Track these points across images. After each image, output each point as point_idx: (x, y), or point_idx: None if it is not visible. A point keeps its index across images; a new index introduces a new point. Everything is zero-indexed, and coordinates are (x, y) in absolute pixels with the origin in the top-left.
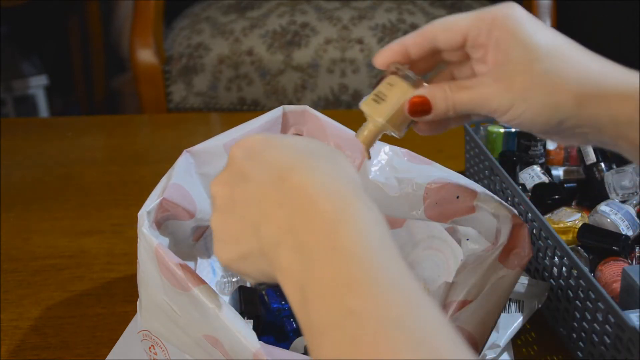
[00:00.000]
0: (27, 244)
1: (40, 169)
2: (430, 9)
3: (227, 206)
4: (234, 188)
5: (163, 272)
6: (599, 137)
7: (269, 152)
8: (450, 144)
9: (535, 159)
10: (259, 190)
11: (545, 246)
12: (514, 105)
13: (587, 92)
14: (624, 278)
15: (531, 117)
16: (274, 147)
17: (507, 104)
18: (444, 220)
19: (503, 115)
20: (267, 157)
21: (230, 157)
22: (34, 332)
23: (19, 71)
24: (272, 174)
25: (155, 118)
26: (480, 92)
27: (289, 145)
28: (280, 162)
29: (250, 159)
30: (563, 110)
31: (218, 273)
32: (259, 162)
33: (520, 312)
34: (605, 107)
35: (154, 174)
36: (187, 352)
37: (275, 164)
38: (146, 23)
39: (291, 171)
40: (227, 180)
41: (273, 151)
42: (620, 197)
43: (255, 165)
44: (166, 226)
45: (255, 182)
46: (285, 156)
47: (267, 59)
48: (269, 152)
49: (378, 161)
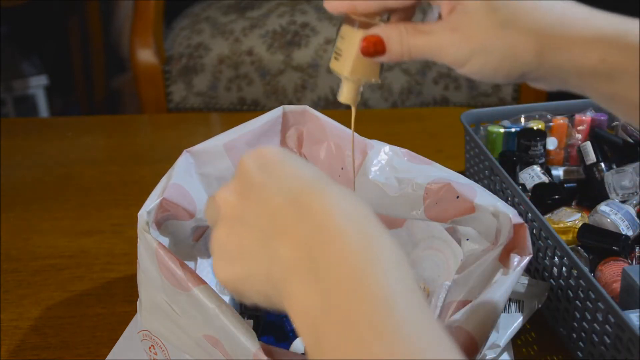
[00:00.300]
0: (27, 244)
1: (40, 169)
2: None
3: (235, 216)
4: (244, 198)
5: (163, 272)
6: (565, 87)
7: (284, 166)
8: (450, 144)
9: (535, 159)
10: (274, 203)
11: (545, 246)
12: (472, 58)
13: (548, 42)
14: (624, 278)
15: (491, 70)
16: (288, 162)
17: (465, 56)
18: (444, 220)
19: (461, 68)
20: (283, 170)
21: (242, 166)
22: (34, 332)
23: (19, 71)
24: (290, 189)
25: (155, 118)
26: (436, 40)
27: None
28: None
29: (264, 171)
30: (524, 61)
31: None
32: (274, 174)
33: (520, 312)
34: (568, 58)
35: (154, 174)
36: (187, 352)
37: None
38: (146, 23)
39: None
40: (237, 189)
41: (288, 166)
42: (620, 197)
43: (270, 177)
44: (166, 226)
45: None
46: (303, 173)
47: (267, 59)
48: (285, 166)
49: (378, 161)
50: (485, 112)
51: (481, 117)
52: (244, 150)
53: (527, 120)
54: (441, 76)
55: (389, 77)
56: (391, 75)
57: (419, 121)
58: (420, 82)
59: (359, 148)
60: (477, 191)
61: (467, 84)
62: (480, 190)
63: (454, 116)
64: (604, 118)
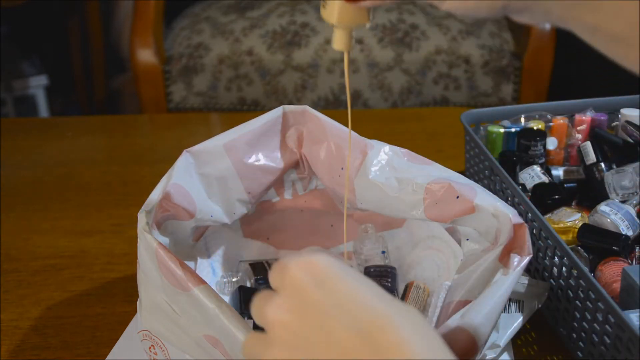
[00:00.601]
0: (27, 244)
1: (40, 169)
2: (430, 9)
3: (296, 344)
4: (302, 318)
5: (163, 272)
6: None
7: (342, 283)
8: (450, 144)
9: (535, 159)
10: (344, 338)
11: (545, 246)
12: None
13: None
14: (624, 278)
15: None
16: (345, 278)
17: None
18: (444, 220)
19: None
20: (342, 289)
21: (292, 280)
22: (34, 332)
23: (19, 71)
24: (357, 320)
25: (155, 118)
26: None
27: (360, 278)
28: (363, 307)
29: (320, 287)
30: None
31: (218, 273)
32: (333, 294)
33: (520, 312)
34: None
35: (154, 174)
36: (187, 352)
37: (357, 307)
38: (146, 23)
39: (383, 325)
40: (290, 307)
41: (346, 284)
42: (620, 197)
43: (329, 297)
44: (166, 226)
45: (336, 325)
46: (365, 297)
47: (267, 59)
48: (343, 284)
49: (378, 161)
50: (485, 112)
51: (481, 117)
52: (244, 150)
53: (527, 120)
54: (441, 76)
55: (389, 77)
56: (391, 75)
57: (419, 121)
58: (420, 82)
59: (358, 148)
60: (477, 191)
61: (467, 84)
62: (480, 191)
63: (454, 116)
64: (604, 118)
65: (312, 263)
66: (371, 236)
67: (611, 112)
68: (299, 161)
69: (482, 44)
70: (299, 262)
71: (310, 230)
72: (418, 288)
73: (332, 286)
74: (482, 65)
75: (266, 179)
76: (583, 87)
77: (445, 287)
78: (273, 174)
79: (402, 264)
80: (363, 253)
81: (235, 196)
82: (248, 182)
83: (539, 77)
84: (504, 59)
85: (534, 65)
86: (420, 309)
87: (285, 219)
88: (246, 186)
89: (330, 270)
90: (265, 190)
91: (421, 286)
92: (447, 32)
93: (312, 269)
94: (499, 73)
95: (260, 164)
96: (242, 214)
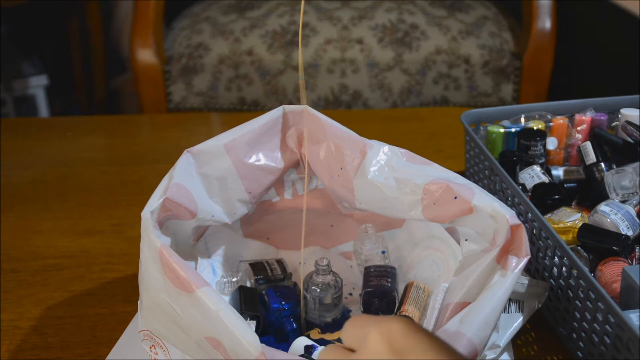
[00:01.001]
0: (27, 244)
1: (40, 169)
2: (430, 9)
3: None
4: None
5: (166, 272)
6: None
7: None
8: (450, 144)
9: (535, 159)
10: None
11: (545, 246)
12: None
13: None
14: (624, 278)
15: None
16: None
17: None
18: (442, 221)
19: None
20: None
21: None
22: (34, 332)
23: (19, 71)
24: None
25: (155, 118)
26: None
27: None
28: None
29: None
30: None
31: (218, 273)
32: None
33: (520, 312)
34: None
35: (154, 174)
36: (188, 353)
37: None
38: (146, 23)
39: None
40: None
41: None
42: (620, 197)
43: None
44: (167, 226)
45: None
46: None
47: (267, 59)
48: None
49: (377, 161)
50: (485, 112)
51: (481, 117)
52: (244, 150)
53: (527, 120)
54: (441, 76)
55: (389, 77)
56: (391, 75)
57: (419, 121)
58: (420, 82)
59: (358, 148)
60: (475, 192)
61: (467, 84)
62: (479, 191)
63: (454, 116)
64: (604, 118)
65: (392, 332)
66: (371, 236)
67: (611, 112)
68: (299, 161)
69: (482, 44)
70: (381, 328)
71: (310, 230)
72: (418, 288)
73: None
74: (482, 65)
75: (266, 179)
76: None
77: (443, 289)
78: (273, 174)
79: (402, 264)
80: (363, 253)
81: (235, 196)
82: (248, 182)
83: (539, 77)
84: (504, 59)
85: (534, 65)
86: (420, 309)
87: (285, 219)
88: (246, 186)
89: (409, 341)
90: (265, 190)
91: (421, 286)
92: (447, 32)
93: (392, 337)
94: (499, 73)
95: (260, 163)
96: (242, 213)
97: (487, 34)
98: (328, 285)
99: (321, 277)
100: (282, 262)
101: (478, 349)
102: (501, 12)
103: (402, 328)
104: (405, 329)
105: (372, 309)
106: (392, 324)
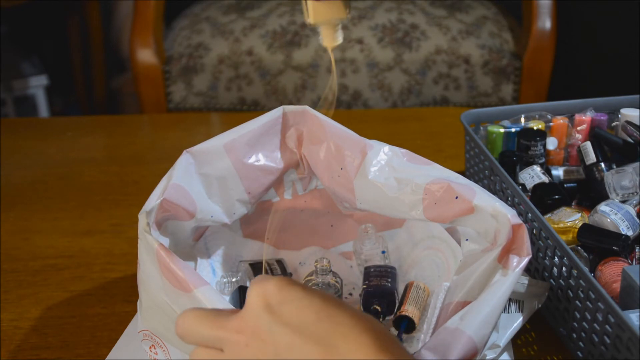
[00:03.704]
0: (27, 244)
1: (40, 169)
2: (430, 9)
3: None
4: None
5: (164, 273)
6: None
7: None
8: (450, 144)
9: (535, 159)
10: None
11: (545, 246)
12: None
13: None
14: (624, 278)
15: None
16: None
17: None
18: (443, 220)
19: None
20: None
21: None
22: (34, 332)
23: (19, 71)
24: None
25: (155, 118)
26: None
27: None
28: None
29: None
30: None
31: (218, 273)
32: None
33: (520, 312)
34: None
35: (154, 174)
36: (187, 352)
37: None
38: (146, 23)
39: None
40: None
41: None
42: (620, 197)
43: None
44: (166, 226)
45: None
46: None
47: (267, 59)
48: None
49: (377, 161)
50: (485, 112)
51: (481, 117)
52: (244, 150)
53: (527, 120)
54: (441, 76)
55: (389, 77)
56: (391, 75)
57: (419, 121)
58: (420, 82)
59: (358, 148)
60: (476, 192)
61: (467, 84)
62: (480, 191)
63: (454, 116)
64: (604, 118)
65: (267, 289)
66: (371, 236)
67: (611, 112)
68: (299, 161)
69: (482, 44)
70: (257, 289)
71: (310, 230)
72: (418, 288)
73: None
74: (482, 65)
75: (266, 179)
76: (583, 87)
77: (444, 288)
78: (273, 174)
79: (402, 264)
80: (363, 253)
81: (235, 196)
82: (248, 182)
83: (539, 77)
84: (504, 59)
85: (534, 65)
86: (420, 309)
87: (285, 219)
88: (246, 186)
89: (284, 293)
90: (265, 190)
91: (421, 286)
92: (447, 32)
93: (267, 294)
94: (499, 73)
95: (260, 164)
96: (242, 214)
97: (487, 34)
98: (328, 285)
99: (321, 277)
100: (282, 262)
101: (478, 347)
102: (501, 12)
103: (276, 284)
104: (279, 285)
105: (372, 309)
106: (268, 283)
